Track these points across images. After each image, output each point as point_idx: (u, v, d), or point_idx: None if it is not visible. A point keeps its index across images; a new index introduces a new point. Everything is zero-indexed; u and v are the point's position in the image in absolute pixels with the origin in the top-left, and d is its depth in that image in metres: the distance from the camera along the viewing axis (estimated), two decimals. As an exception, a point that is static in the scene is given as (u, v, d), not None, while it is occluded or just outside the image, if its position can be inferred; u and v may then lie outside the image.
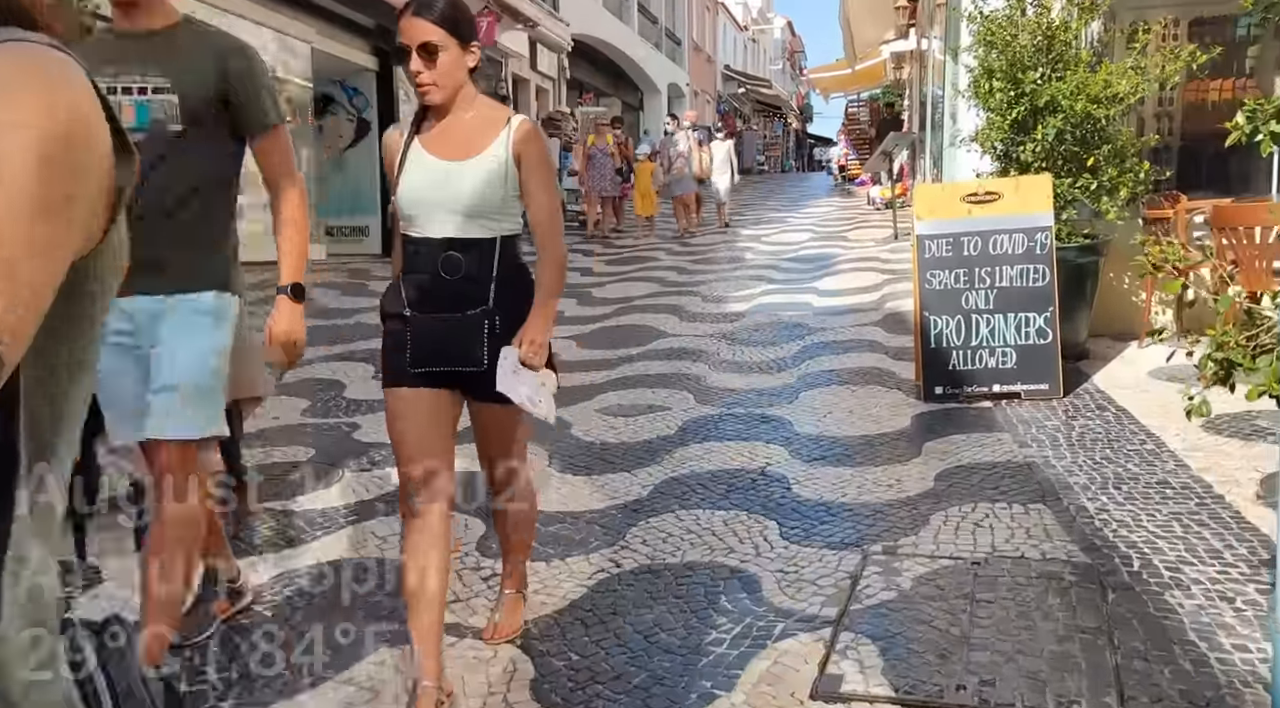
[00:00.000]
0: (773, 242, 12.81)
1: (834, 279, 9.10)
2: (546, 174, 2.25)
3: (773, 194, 23.50)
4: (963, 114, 5.50)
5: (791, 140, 47.66)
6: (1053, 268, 4.45)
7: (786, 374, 5.51)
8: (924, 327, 4.61)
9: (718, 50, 34.67)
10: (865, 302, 7.68)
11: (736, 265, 10.66)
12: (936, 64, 9.91)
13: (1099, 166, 4.79)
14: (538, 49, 17.08)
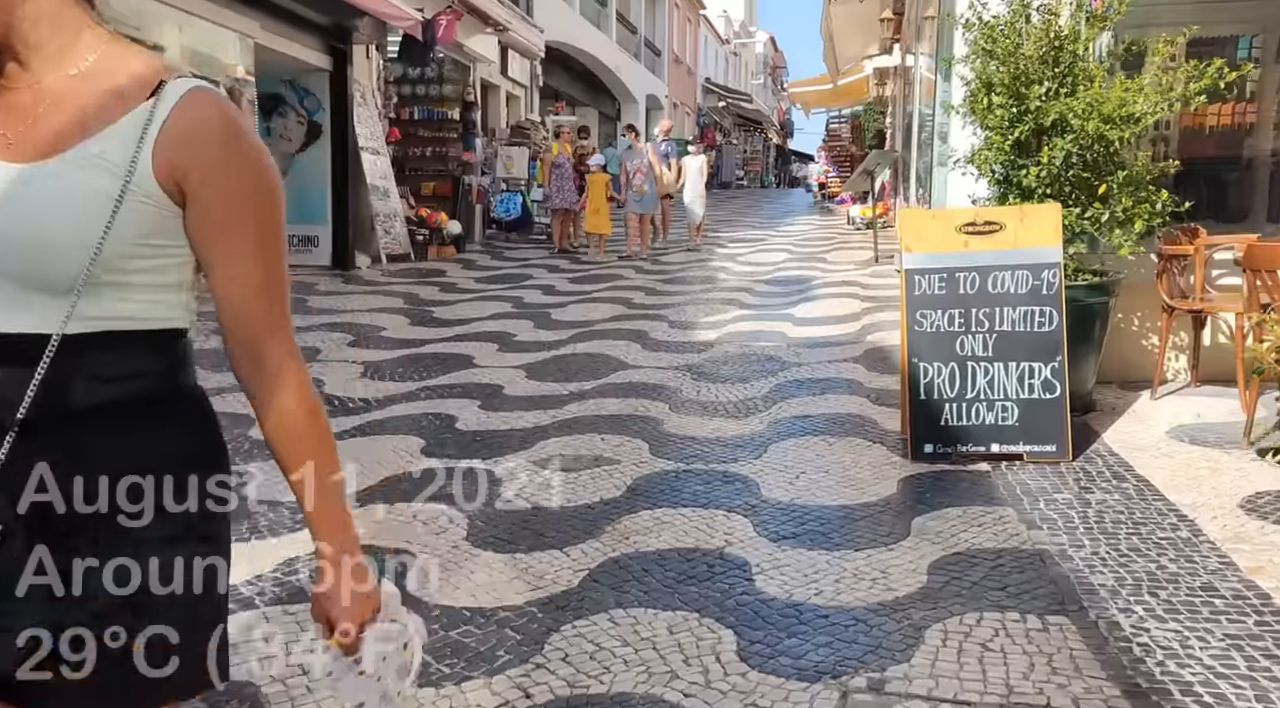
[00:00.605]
0: (748, 261, 12.24)
1: (811, 306, 8.51)
2: (255, 213, 1.10)
3: (751, 210, 22.99)
4: (956, 132, 4.92)
5: (772, 156, 47.36)
6: (1061, 311, 3.86)
7: (755, 419, 4.89)
8: (912, 374, 4.00)
9: (698, 63, 34.24)
10: (844, 333, 7.09)
11: (708, 287, 10.06)
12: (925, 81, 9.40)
13: (1111, 195, 4.22)
14: (509, 55, 16.46)
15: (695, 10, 33.51)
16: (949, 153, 4.73)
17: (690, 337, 7.33)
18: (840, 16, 11.99)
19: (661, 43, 29.28)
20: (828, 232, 16.07)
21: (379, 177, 11.46)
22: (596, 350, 6.77)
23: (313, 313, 8.22)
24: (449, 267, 11.76)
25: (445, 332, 7.58)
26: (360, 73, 11.39)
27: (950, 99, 5.07)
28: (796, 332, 7.30)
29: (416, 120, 14.66)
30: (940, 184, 5.84)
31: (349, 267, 10.79)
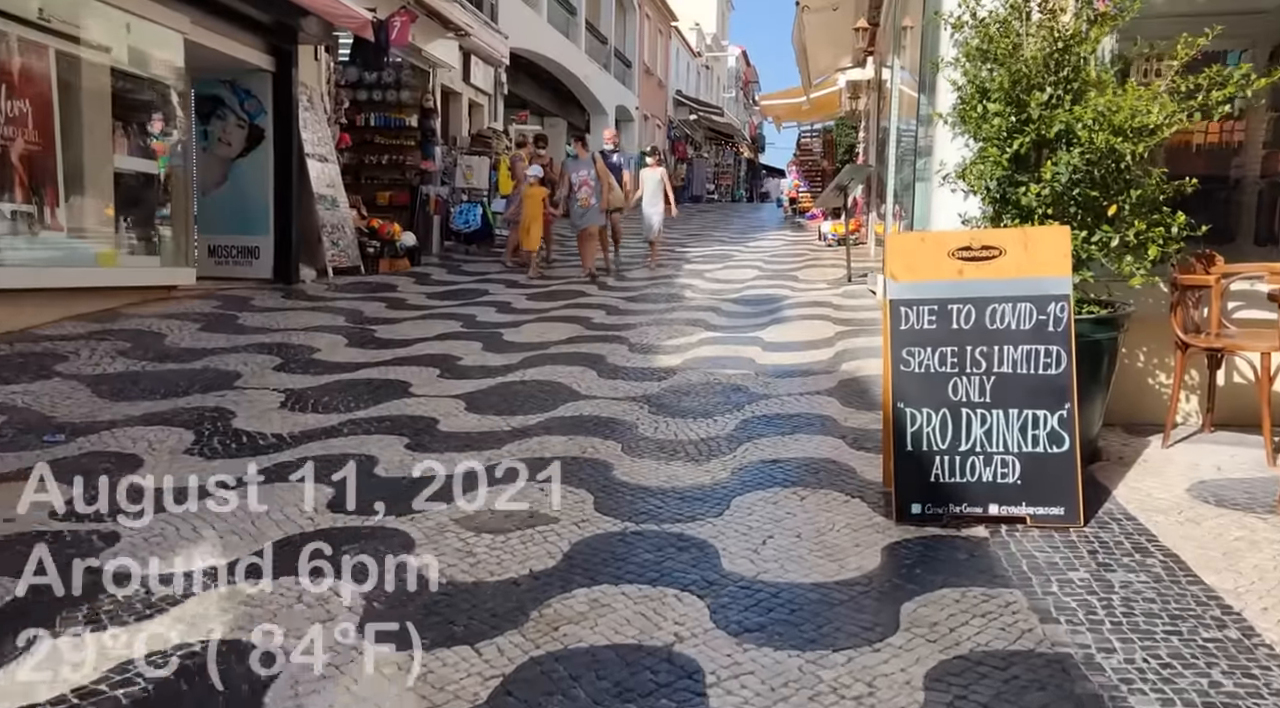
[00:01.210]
0: (716, 278, 11.71)
1: (782, 328, 7.97)
2: None
3: (720, 225, 22.53)
4: (944, 144, 4.40)
5: (743, 169, 47.13)
6: (1070, 350, 3.33)
7: (718, 464, 4.31)
8: (897, 422, 3.45)
9: (670, 75, 33.85)
10: (817, 360, 6.55)
11: (674, 305, 9.50)
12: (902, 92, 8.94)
13: (1121, 217, 3.71)
14: (472, 61, 15.87)
15: (667, 22, 33.15)
16: (938, 166, 4.21)
17: (651, 362, 6.75)
18: (813, 25, 11.56)
19: (632, 54, 28.83)
20: (798, 248, 15.61)
21: (326, 185, 10.79)
22: (548, 378, 6.16)
23: (242, 331, 7.54)
24: (401, 281, 11.10)
25: (384, 354, 6.94)
26: (307, 75, 10.73)
27: (937, 107, 4.55)
28: (765, 358, 6.74)
29: (372, 127, 14.02)
30: (922, 201, 5.33)
31: (292, 280, 10.11)
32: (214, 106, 10.01)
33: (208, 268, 10.07)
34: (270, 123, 10.04)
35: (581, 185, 11.58)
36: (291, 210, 10.10)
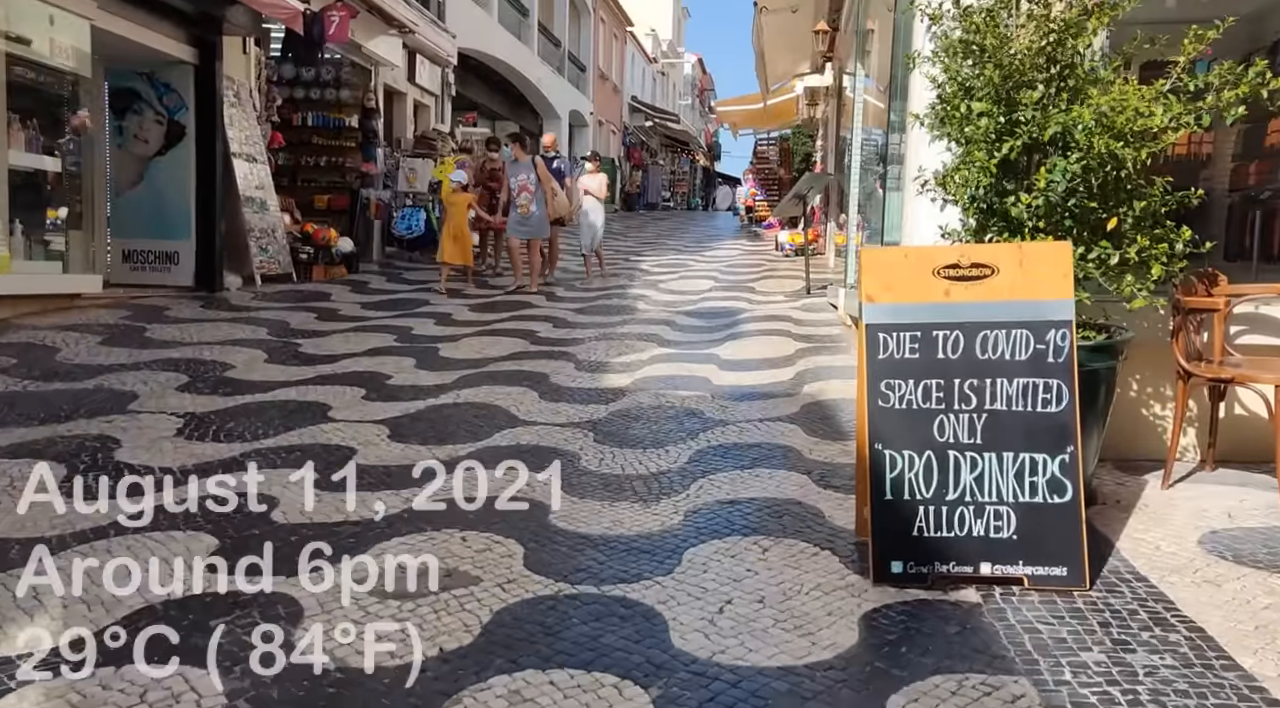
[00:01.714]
0: (671, 289, 11.24)
1: (739, 345, 7.51)
2: None
3: (676, 233, 22.14)
4: (920, 148, 3.96)
5: (699, 177, 46.92)
6: (1073, 385, 2.89)
7: (669, 506, 3.80)
8: (875, 466, 2.97)
9: (625, 80, 33.45)
10: (778, 381, 6.08)
11: (626, 318, 9.00)
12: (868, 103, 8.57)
13: (1122, 232, 3.29)
14: (417, 60, 15.23)
15: (622, 27, 32.76)
16: (916, 173, 3.76)
17: (599, 382, 6.23)
18: (771, 29, 11.19)
19: (587, 58, 28.36)
20: (755, 258, 15.24)
21: (255, 186, 10.10)
22: (484, 400, 5.61)
23: (148, 345, 6.86)
24: (335, 289, 10.43)
25: (306, 372, 6.32)
26: (234, 68, 10.04)
27: (911, 108, 4.12)
28: (722, 378, 6.26)
29: (310, 126, 13.33)
30: (894, 212, 4.91)
31: (214, 288, 9.40)
32: (130, 100, 9.28)
33: (122, 275, 9.34)
34: (192, 119, 9.34)
35: (520, 191, 10.57)
36: (215, 213, 9.40)
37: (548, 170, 10.88)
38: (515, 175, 10.72)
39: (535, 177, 10.61)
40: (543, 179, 10.62)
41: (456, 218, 10.71)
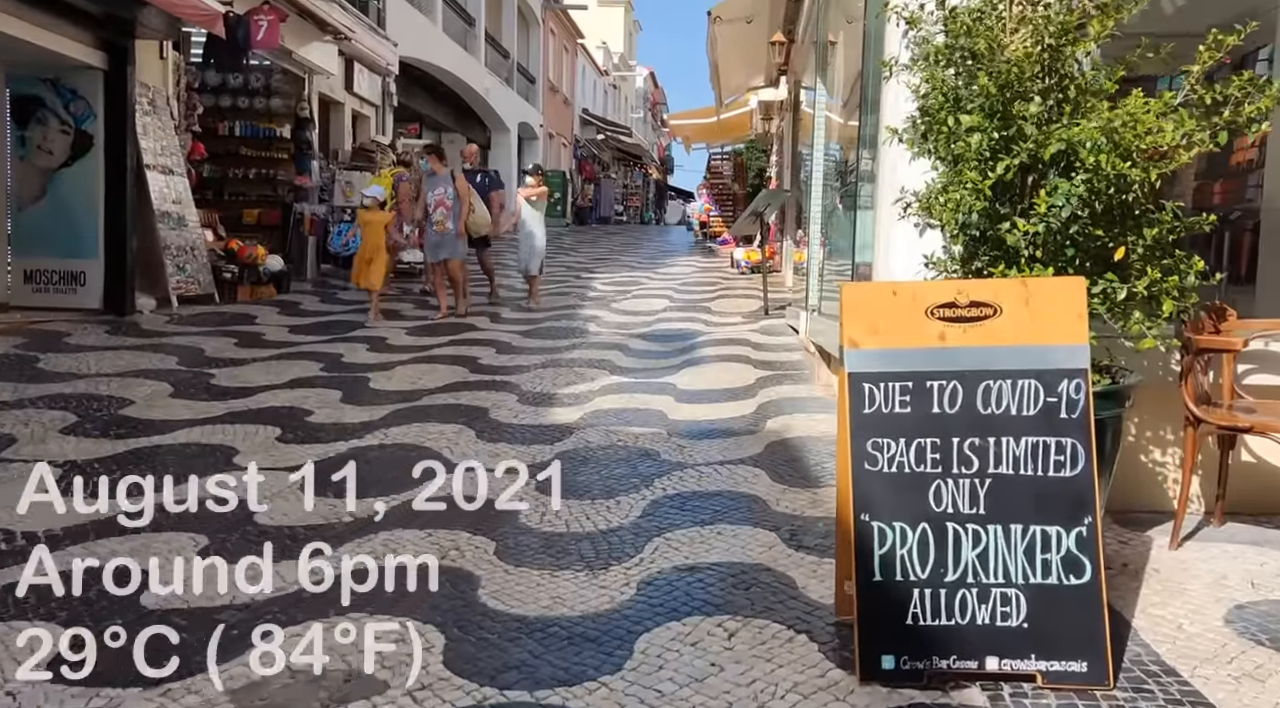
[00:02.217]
0: (624, 309, 10.75)
1: (696, 372, 7.04)
2: None
3: (629, 248, 21.71)
4: (899, 167, 3.54)
5: (652, 191, 46.68)
6: (1089, 444, 2.46)
7: (620, 574, 3.30)
8: (860, 540, 2.51)
9: (576, 93, 33.03)
10: (739, 415, 5.62)
11: (576, 342, 8.48)
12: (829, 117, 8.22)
13: (1129, 262, 2.89)
14: (355, 68, 14.59)
15: (573, 39, 32.36)
16: (898, 194, 3.34)
17: (544, 417, 5.71)
18: (725, 40, 10.84)
19: (536, 69, 27.88)
20: (711, 275, 14.85)
21: (171, 200, 9.39)
22: (414, 440, 5.06)
23: (39, 378, 6.17)
24: (262, 311, 9.75)
25: (215, 408, 5.69)
26: (149, 74, 9.35)
27: (886, 121, 3.69)
28: (679, 411, 5.79)
29: (238, 137, 12.67)
30: (864, 235, 4.49)
31: (125, 311, 8.68)
32: (33, 109, 8.55)
33: (23, 297, 8.58)
34: (101, 128, 8.63)
35: (437, 206, 9.55)
36: (126, 229, 8.69)
37: (468, 184, 10.01)
38: (432, 190, 9.72)
39: (453, 191, 9.66)
40: (461, 194, 9.68)
41: (372, 238, 9.62)
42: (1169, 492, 3.47)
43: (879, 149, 4.16)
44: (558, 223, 28.59)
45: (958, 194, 2.96)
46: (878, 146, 4.21)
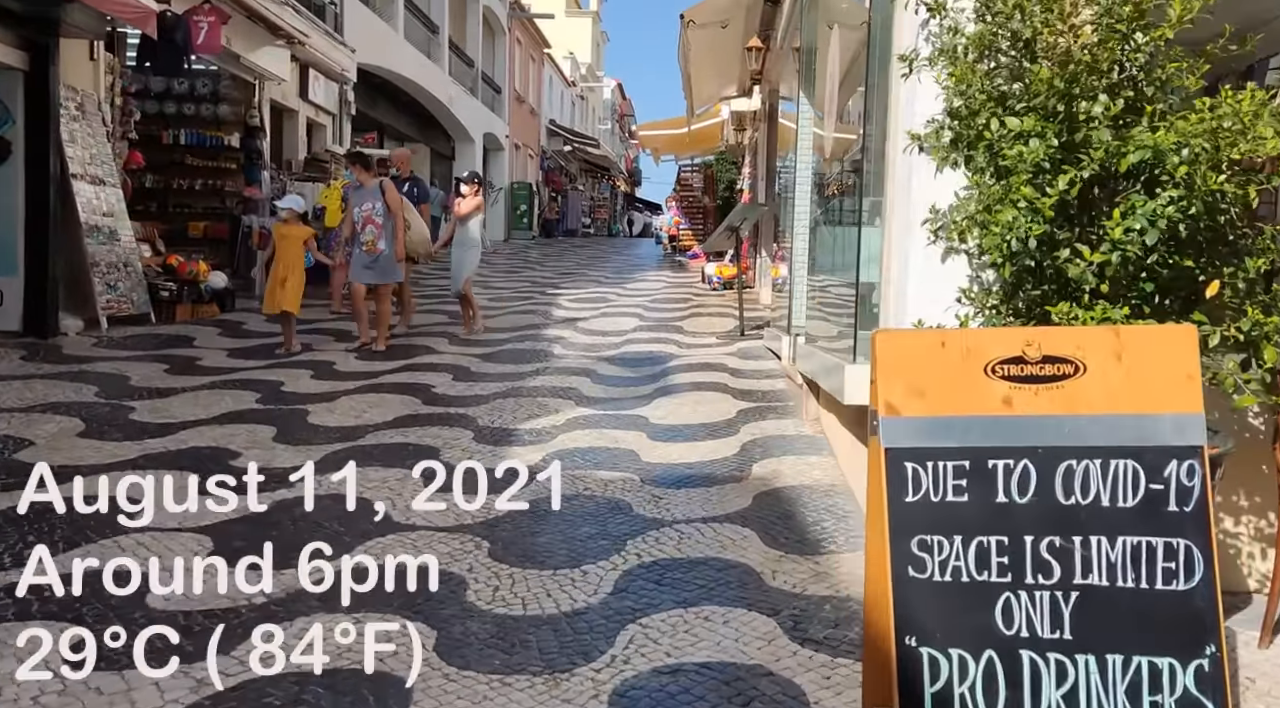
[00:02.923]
0: (591, 329, 10.12)
1: (671, 403, 6.42)
2: None
3: (597, 262, 21.09)
4: (919, 180, 2.96)
5: (620, 203, 46.18)
6: (1209, 545, 1.88)
7: (586, 683, 2.68)
8: (904, 672, 1.91)
9: (543, 104, 32.43)
10: (720, 457, 5.01)
11: (540, 367, 7.83)
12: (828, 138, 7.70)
13: (1224, 300, 2.33)
14: (310, 75, 13.86)
15: (539, 49, 31.77)
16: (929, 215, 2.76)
17: (501, 457, 5.06)
18: (699, 45, 10.32)
19: (502, 79, 27.23)
20: (681, 291, 14.27)
21: (102, 213, 8.62)
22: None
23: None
24: (201, 332, 8.98)
25: (127, 450, 4.98)
26: (78, 77, 8.59)
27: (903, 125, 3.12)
28: (653, 452, 5.16)
29: (183, 145, 11.89)
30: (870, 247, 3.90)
31: (47, 334, 7.89)
32: (-58, 111, 7.74)
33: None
34: (21, 134, 7.86)
35: (365, 223, 8.11)
36: (49, 244, 7.90)
37: (399, 195, 8.46)
38: (359, 204, 8.23)
39: (383, 205, 8.16)
40: (392, 207, 8.20)
41: (288, 256, 8.06)
42: (1245, 570, 2.91)
43: (887, 159, 3.59)
44: (524, 236, 27.93)
45: (1009, 214, 2.38)
46: (885, 156, 3.65)
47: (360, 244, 8.24)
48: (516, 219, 28.14)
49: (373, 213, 8.18)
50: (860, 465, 4.18)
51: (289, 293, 8.04)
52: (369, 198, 8.25)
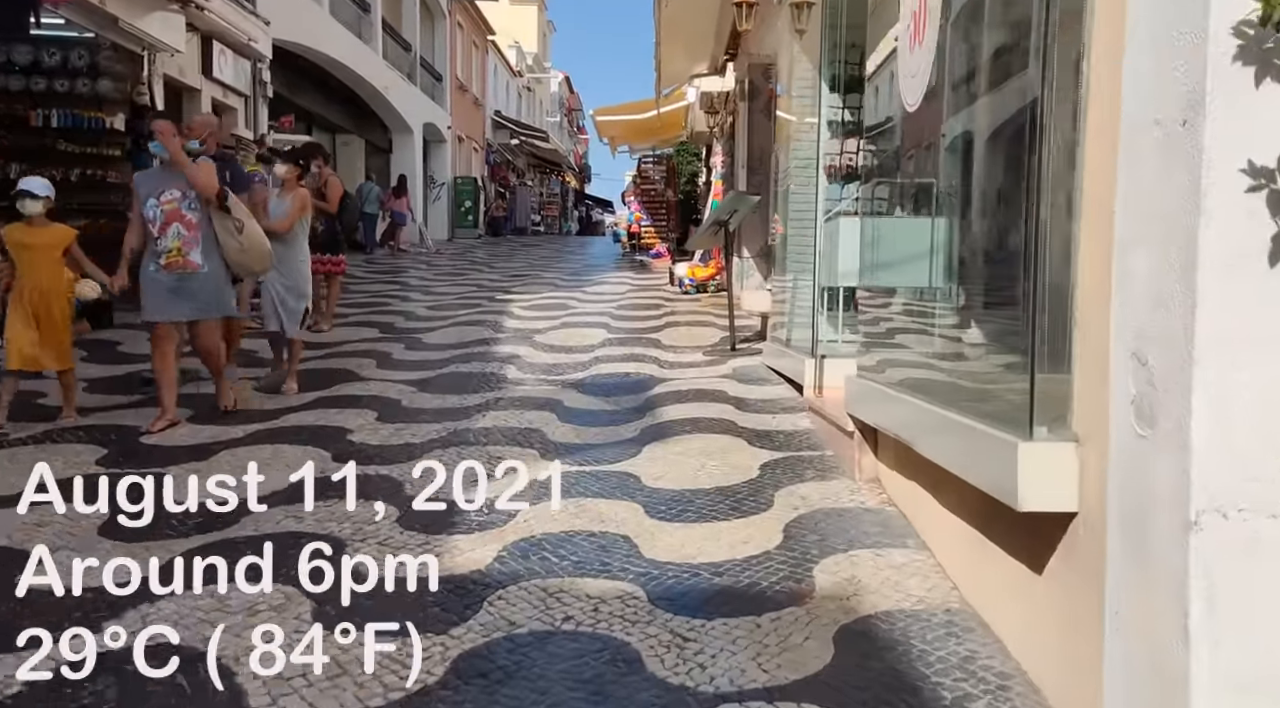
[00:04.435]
0: (552, 344, 8.49)
1: (666, 453, 4.83)
2: None
3: (550, 262, 19.39)
4: (1237, 112, 1.43)
5: (570, 199, 44.48)
6: None
7: None
8: None
9: (487, 94, 30.59)
10: (759, 553, 3.42)
11: (491, 397, 6.20)
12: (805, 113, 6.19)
13: None
14: (215, 49, 11.98)
15: (483, 35, 29.93)
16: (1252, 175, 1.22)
17: (436, 549, 3.43)
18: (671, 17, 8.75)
19: (443, 66, 25.36)
20: (649, 295, 12.69)
21: (-81, 208, 6.69)
22: (192, 636, 2.75)
23: None
24: (59, 359, 7.11)
25: None
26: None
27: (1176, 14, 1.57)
28: (658, 542, 3.57)
29: (55, 128, 9.97)
30: (1054, 253, 2.36)
31: None
32: None
33: None
34: None
35: (168, 222, 5.15)
36: None
37: (221, 185, 5.30)
38: (154, 194, 5.21)
39: (194, 196, 5.17)
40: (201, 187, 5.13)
41: (37, 276, 5.27)
42: None
43: (1091, 84, 2.07)
44: (469, 235, 26.10)
45: None
46: (1085, 78, 2.12)
47: (158, 256, 5.19)
48: (461, 216, 26.29)
49: (180, 205, 5.17)
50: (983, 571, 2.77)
51: (46, 337, 5.22)
52: (168, 184, 5.20)
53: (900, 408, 3.27)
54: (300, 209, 6.29)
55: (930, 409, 2.90)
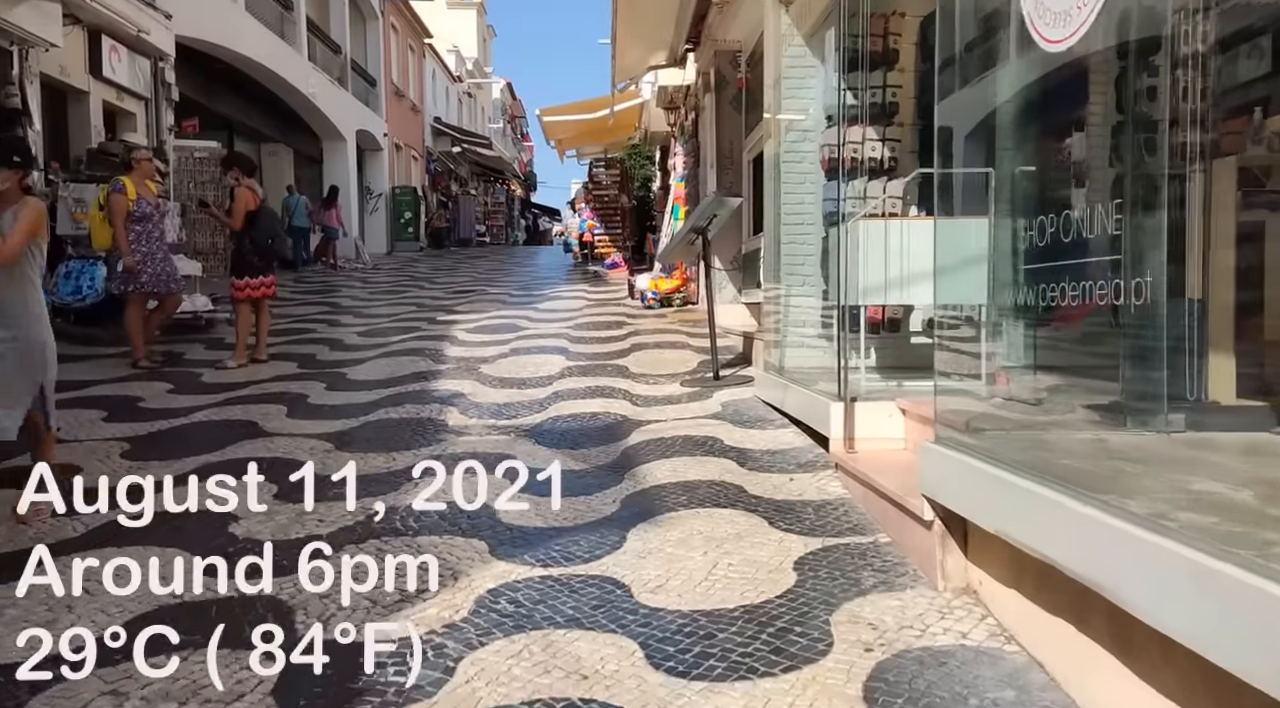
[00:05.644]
0: (503, 375, 7.19)
1: (662, 544, 3.58)
2: None
3: (497, 275, 18.00)
4: None
5: (516, 208, 43.07)
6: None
7: None
8: None
9: (426, 100, 29.09)
10: None
11: (425, 451, 4.91)
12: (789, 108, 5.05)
13: None
14: (105, 45, 10.45)
15: (419, 38, 28.45)
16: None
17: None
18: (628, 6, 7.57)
19: (376, 70, 23.85)
20: (609, 311, 11.45)
21: None
22: None
23: None
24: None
25: None
26: None
27: None
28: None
29: (-100, 135, 8.34)
30: None
31: None
32: None
33: None
34: None
35: None
36: None
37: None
38: None
39: None
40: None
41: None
42: None
43: None
44: (410, 247, 24.60)
45: None
46: None
47: None
48: (400, 229, 24.76)
49: None
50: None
51: None
52: None
53: (946, 470, 2.06)
54: (28, 230, 4.13)
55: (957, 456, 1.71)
